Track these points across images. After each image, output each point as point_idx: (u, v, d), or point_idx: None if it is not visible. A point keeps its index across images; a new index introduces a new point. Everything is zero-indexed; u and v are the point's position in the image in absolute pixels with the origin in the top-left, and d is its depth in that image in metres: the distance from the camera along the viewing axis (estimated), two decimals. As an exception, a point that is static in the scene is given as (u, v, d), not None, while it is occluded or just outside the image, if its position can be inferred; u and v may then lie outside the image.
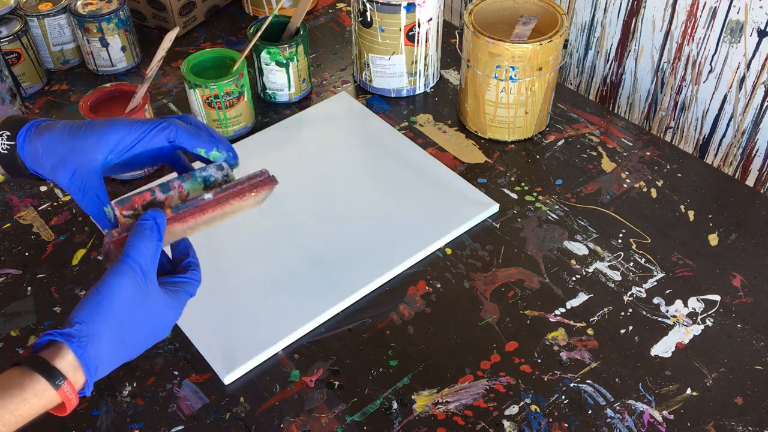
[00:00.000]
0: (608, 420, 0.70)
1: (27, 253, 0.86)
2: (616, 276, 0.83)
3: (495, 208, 0.90)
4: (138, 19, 1.21)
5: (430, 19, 1.02)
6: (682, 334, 0.78)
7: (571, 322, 0.79)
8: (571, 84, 1.23)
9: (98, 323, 0.54)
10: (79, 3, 1.08)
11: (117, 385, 0.74)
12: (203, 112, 0.97)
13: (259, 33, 0.98)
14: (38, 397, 0.52)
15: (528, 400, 0.72)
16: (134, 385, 0.74)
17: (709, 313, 0.80)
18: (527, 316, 0.79)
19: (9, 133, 0.62)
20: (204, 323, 0.77)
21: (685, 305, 0.80)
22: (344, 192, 0.92)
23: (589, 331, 0.78)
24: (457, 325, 0.79)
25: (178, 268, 0.63)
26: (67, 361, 0.53)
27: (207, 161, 0.64)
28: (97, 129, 0.61)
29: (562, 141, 1.01)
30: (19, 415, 0.51)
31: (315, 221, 0.88)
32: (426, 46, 1.04)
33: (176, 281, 0.61)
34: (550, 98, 1.00)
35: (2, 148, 0.62)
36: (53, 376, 0.52)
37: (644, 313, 0.80)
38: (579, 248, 0.86)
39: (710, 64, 1.01)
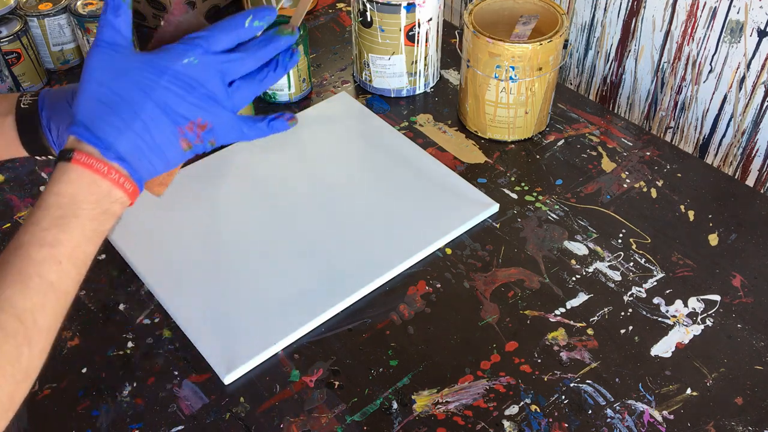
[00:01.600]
0: (608, 420, 0.70)
1: (27, 253, 0.86)
2: (616, 276, 0.83)
3: (495, 208, 0.90)
4: (138, 19, 1.21)
5: (430, 19, 1.02)
6: (682, 334, 0.78)
7: (571, 322, 0.79)
8: (571, 84, 1.23)
9: (79, 103, 0.54)
10: (79, 3, 1.08)
11: (117, 385, 0.74)
12: (203, 112, 0.97)
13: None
14: (68, 181, 0.52)
15: (528, 400, 0.72)
16: (134, 385, 0.74)
17: (709, 313, 0.80)
18: (527, 316, 0.79)
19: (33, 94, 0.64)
20: (204, 323, 0.77)
21: (685, 305, 0.80)
22: (344, 192, 0.92)
23: (589, 331, 0.78)
24: (457, 325, 0.79)
25: None
26: (71, 141, 0.54)
27: None
28: None
29: (562, 141, 1.01)
30: (85, 209, 0.52)
31: (315, 221, 0.88)
32: (426, 46, 1.04)
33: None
34: (550, 98, 1.00)
35: (24, 103, 0.63)
36: (62, 155, 0.53)
37: (644, 313, 0.80)
38: (579, 248, 0.86)
39: (710, 64, 1.01)
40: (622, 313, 0.80)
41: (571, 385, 0.73)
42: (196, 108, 0.55)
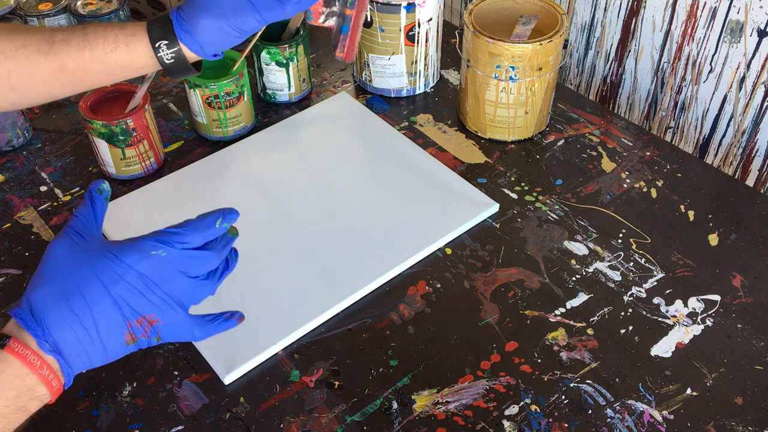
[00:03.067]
0: (608, 420, 0.70)
1: (27, 253, 0.86)
2: (616, 276, 0.83)
3: (495, 208, 0.90)
4: (138, 19, 1.21)
5: (430, 19, 1.02)
6: (682, 334, 0.78)
7: (571, 322, 0.79)
8: (571, 84, 1.23)
9: (33, 285, 0.54)
10: (79, 3, 1.08)
11: (117, 385, 0.74)
12: (203, 112, 0.97)
13: (259, 33, 0.98)
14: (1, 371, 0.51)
15: (528, 400, 0.72)
16: (134, 385, 0.74)
17: (709, 313, 0.80)
18: (527, 316, 0.79)
19: (167, 42, 0.65)
20: (204, 323, 0.77)
21: (685, 305, 0.80)
22: (344, 192, 0.92)
23: (589, 331, 0.78)
24: (457, 325, 0.79)
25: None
26: (11, 324, 0.53)
27: None
28: None
29: (562, 141, 1.01)
30: (4, 398, 0.51)
31: (315, 221, 0.88)
32: (426, 46, 1.04)
33: (157, 234, 0.57)
34: (550, 98, 1.00)
35: (167, 59, 0.65)
36: None
37: (644, 313, 0.80)
38: (579, 248, 0.86)
39: (710, 64, 1.01)
40: (622, 313, 0.80)
41: (571, 385, 0.73)
42: (153, 306, 0.55)
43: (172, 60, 0.66)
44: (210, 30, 0.64)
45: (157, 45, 0.65)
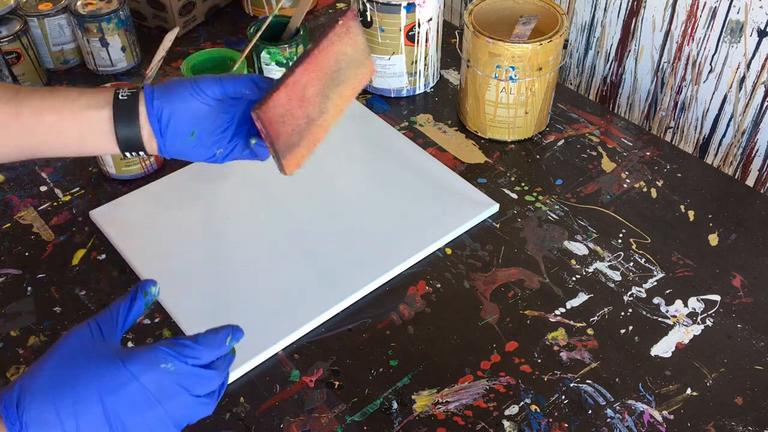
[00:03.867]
0: (608, 420, 0.70)
1: (27, 253, 0.86)
2: (616, 276, 0.83)
3: (495, 208, 0.90)
4: (138, 19, 1.21)
5: (430, 19, 1.02)
6: (682, 334, 0.78)
7: (571, 322, 0.79)
8: (571, 84, 1.23)
9: (33, 367, 0.50)
10: (79, 3, 1.08)
11: (117, 385, 0.73)
12: (203, 112, 0.97)
13: (259, 33, 0.98)
14: None
15: (528, 400, 0.72)
16: (134, 385, 0.74)
17: (709, 313, 0.80)
18: (527, 316, 0.79)
19: (130, 87, 0.61)
20: (204, 323, 0.77)
21: (685, 305, 0.80)
22: (344, 192, 0.92)
23: (589, 331, 0.78)
24: (457, 325, 0.79)
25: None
26: None
27: None
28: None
29: (562, 141, 1.01)
30: None
31: (315, 221, 0.88)
32: (426, 46, 1.04)
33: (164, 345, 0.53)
34: (550, 98, 1.00)
35: (122, 95, 0.60)
36: None
37: (644, 313, 0.80)
38: (579, 248, 0.86)
39: (710, 64, 1.01)
40: (622, 313, 0.80)
41: (571, 385, 0.73)
42: (147, 425, 0.50)
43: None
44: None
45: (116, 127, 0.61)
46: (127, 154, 0.60)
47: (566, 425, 0.70)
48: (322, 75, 0.58)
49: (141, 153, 0.61)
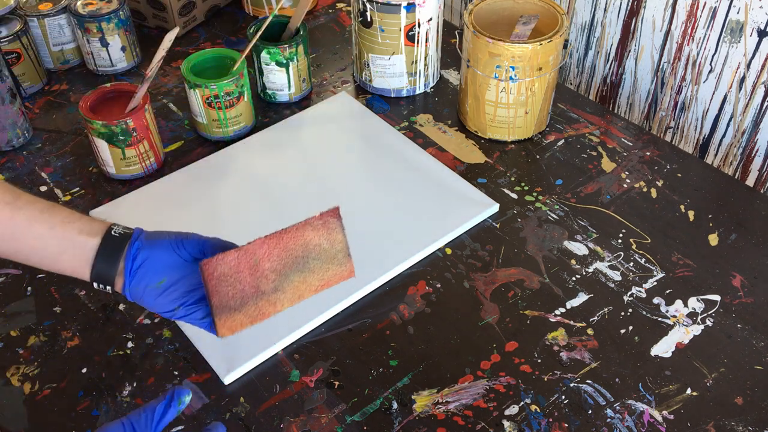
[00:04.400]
0: (608, 420, 0.70)
1: (27, 253, 0.86)
2: (616, 276, 0.83)
3: (495, 208, 0.90)
4: (138, 19, 1.21)
5: (430, 19, 1.02)
6: (682, 334, 0.78)
7: (571, 322, 0.79)
8: (571, 84, 1.23)
9: None
10: (79, 3, 1.08)
11: (117, 385, 0.74)
12: (203, 112, 0.97)
13: (259, 33, 0.98)
14: None
15: (528, 400, 0.72)
16: (134, 385, 0.74)
17: (709, 313, 0.80)
18: (527, 316, 0.79)
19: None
20: (204, 323, 0.77)
21: (685, 305, 0.80)
22: (344, 192, 0.92)
23: (589, 331, 0.78)
24: (457, 325, 0.79)
25: None
26: None
27: None
28: None
29: (562, 141, 1.01)
30: None
31: (315, 221, 0.88)
32: (426, 46, 1.04)
33: None
34: (550, 98, 1.00)
35: (115, 232, 0.61)
36: None
37: (644, 313, 0.80)
38: (579, 248, 0.86)
39: (710, 64, 1.01)
40: (622, 313, 0.80)
41: (571, 385, 0.73)
42: None
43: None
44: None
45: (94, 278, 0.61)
46: (94, 284, 0.61)
47: (566, 425, 0.70)
48: (284, 254, 0.60)
49: (107, 288, 0.62)
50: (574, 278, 0.83)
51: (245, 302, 0.58)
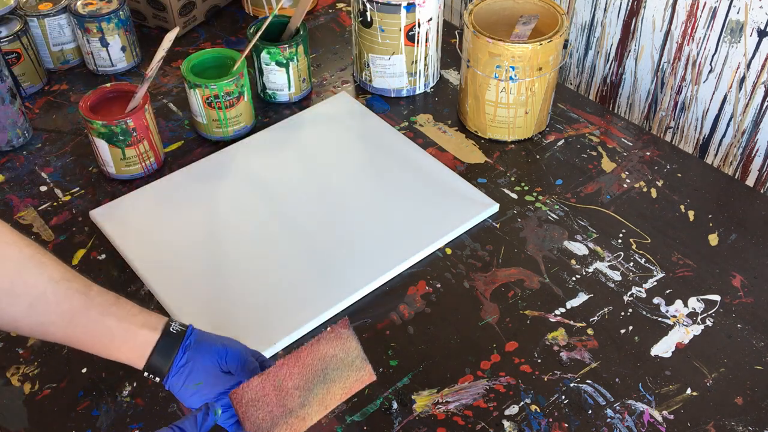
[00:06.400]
0: (608, 420, 0.70)
1: (27, 253, 0.86)
2: (616, 276, 0.83)
3: (495, 208, 0.90)
4: (138, 19, 1.21)
5: (430, 19, 1.02)
6: (682, 334, 0.78)
7: (571, 322, 0.79)
8: (571, 84, 1.23)
9: None
10: (79, 3, 1.08)
11: (117, 385, 0.74)
12: (203, 112, 0.97)
13: (259, 33, 0.98)
14: None
15: (528, 400, 0.72)
16: (134, 385, 0.74)
17: (709, 313, 0.80)
18: (527, 316, 0.79)
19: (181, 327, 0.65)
20: (204, 323, 0.77)
21: (685, 305, 0.80)
22: (344, 192, 0.92)
23: (589, 331, 0.78)
24: (457, 325, 0.79)
25: None
26: None
27: None
28: None
29: (562, 141, 1.01)
30: None
31: (315, 221, 0.88)
32: (426, 46, 1.04)
33: None
34: (550, 98, 1.00)
35: (173, 328, 0.64)
36: None
37: (644, 313, 0.80)
38: (579, 248, 0.86)
39: (710, 64, 1.01)
40: (622, 313, 0.80)
41: (571, 385, 0.73)
42: None
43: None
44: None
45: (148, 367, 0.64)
46: (145, 373, 0.64)
47: (566, 425, 0.70)
48: (304, 371, 0.62)
49: (156, 378, 0.64)
50: (574, 278, 0.83)
51: (276, 423, 0.61)
